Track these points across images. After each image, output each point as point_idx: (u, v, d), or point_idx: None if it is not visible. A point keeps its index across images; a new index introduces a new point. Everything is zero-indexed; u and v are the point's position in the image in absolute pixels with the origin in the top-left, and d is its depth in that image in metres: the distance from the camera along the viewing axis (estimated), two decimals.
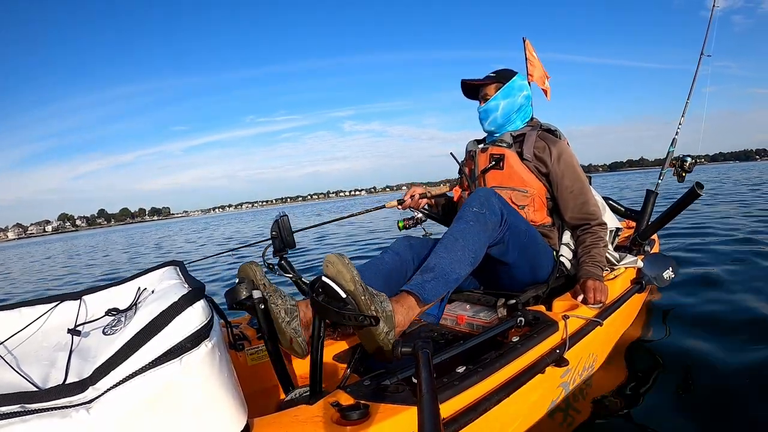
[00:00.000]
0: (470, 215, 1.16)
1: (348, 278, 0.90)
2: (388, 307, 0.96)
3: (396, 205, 1.67)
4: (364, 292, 0.91)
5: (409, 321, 1.02)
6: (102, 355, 0.61)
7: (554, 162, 1.44)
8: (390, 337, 0.94)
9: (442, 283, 1.07)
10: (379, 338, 0.92)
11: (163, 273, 0.91)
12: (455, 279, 1.10)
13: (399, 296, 1.04)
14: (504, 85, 1.53)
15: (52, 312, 0.85)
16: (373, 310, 0.91)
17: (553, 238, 1.48)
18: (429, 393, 0.62)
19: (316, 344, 0.97)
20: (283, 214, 1.17)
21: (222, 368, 0.68)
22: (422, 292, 1.04)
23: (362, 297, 0.90)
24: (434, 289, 1.06)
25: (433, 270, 1.08)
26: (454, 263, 1.10)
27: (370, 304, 0.91)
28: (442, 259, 1.10)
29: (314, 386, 0.96)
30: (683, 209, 1.86)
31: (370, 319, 0.89)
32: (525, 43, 2.09)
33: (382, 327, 0.92)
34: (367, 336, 0.93)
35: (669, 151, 2.18)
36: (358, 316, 0.88)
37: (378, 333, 0.91)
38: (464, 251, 1.12)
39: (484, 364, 0.95)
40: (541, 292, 1.41)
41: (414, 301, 1.03)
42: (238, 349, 1.17)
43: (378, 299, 0.95)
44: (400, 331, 1.00)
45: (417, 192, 1.66)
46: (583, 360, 1.29)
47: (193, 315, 0.66)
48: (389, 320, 0.95)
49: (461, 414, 0.84)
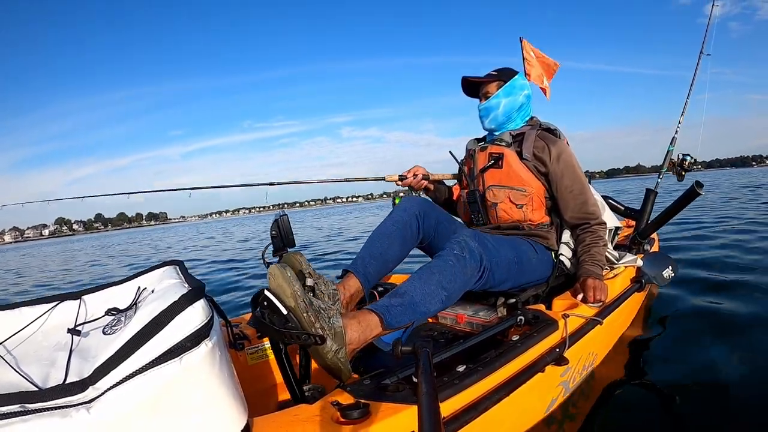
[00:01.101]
0: (451, 256, 1.13)
1: (288, 293, 0.86)
2: (338, 324, 0.91)
3: (396, 180, 1.67)
4: (306, 308, 0.87)
5: (366, 341, 0.96)
6: (102, 355, 0.61)
7: (553, 162, 1.44)
8: (340, 355, 0.88)
9: (409, 312, 1.02)
10: (327, 357, 0.87)
11: (163, 272, 0.91)
12: (423, 312, 1.05)
13: (360, 312, 0.99)
14: (506, 83, 1.53)
15: (52, 312, 0.85)
16: (318, 328, 0.86)
17: (550, 239, 1.48)
18: (429, 392, 0.62)
19: (279, 355, 0.94)
20: (283, 214, 1.17)
21: (222, 367, 0.68)
22: (386, 315, 0.98)
23: (304, 314, 0.86)
24: (399, 316, 1.00)
25: (402, 296, 1.03)
26: (426, 296, 1.05)
27: (315, 321, 0.86)
28: (414, 288, 1.05)
29: (293, 393, 0.94)
30: (683, 208, 1.87)
31: (314, 337, 0.84)
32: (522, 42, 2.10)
33: (329, 345, 0.87)
34: (315, 354, 0.88)
35: (668, 149, 2.18)
36: (300, 334, 0.84)
37: (325, 352, 0.86)
38: (438, 288, 1.07)
39: (484, 363, 0.95)
40: (540, 291, 1.41)
41: (377, 320, 0.98)
42: (239, 348, 1.17)
43: (325, 315, 0.90)
44: (354, 349, 0.93)
45: (420, 171, 1.66)
46: (583, 359, 1.29)
47: (193, 314, 0.66)
48: (338, 337, 0.89)
49: (461, 413, 0.84)
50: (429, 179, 1.69)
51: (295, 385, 0.94)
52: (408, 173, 1.66)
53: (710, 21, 2.23)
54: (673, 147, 2.18)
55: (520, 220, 1.47)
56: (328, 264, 4.71)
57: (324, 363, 0.88)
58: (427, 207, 1.40)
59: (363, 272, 1.20)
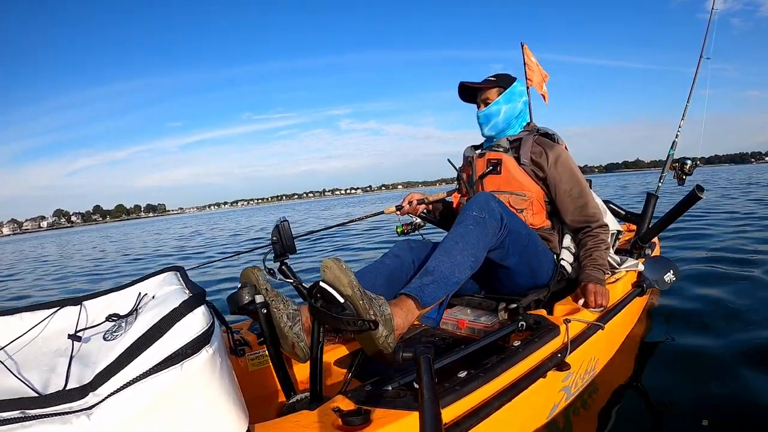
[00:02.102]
0: (470, 219, 1.17)
1: (345, 283, 0.90)
2: (387, 311, 0.96)
3: (394, 211, 1.68)
4: (362, 296, 0.91)
5: (409, 324, 1.02)
6: (102, 361, 0.61)
7: (551, 166, 1.44)
8: (390, 340, 0.94)
9: (441, 287, 1.07)
10: (379, 342, 0.92)
11: (163, 278, 0.91)
12: (455, 282, 1.10)
13: (398, 299, 1.04)
14: (506, 89, 1.53)
15: (53, 317, 0.85)
16: (372, 314, 0.91)
17: (553, 242, 1.48)
18: (430, 398, 0.61)
19: (316, 349, 0.97)
20: (284, 219, 1.16)
21: (223, 374, 0.68)
22: (421, 295, 1.04)
23: (360, 301, 0.90)
24: (433, 293, 1.06)
25: (432, 273, 1.08)
26: (454, 267, 1.10)
27: (369, 309, 0.91)
28: (441, 263, 1.10)
29: (314, 391, 0.96)
30: (684, 212, 1.86)
31: (369, 323, 0.89)
32: (523, 48, 2.11)
33: (381, 331, 0.92)
34: (366, 340, 0.94)
35: (669, 153, 2.18)
36: (356, 320, 0.89)
37: (377, 337, 0.92)
38: (463, 255, 1.12)
39: (486, 368, 0.95)
40: (542, 296, 1.41)
41: (413, 304, 1.03)
42: (239, 354, 1.17)
43: (376, 303, 0.95)
44: (400, 334, 1.00)
45: (415, 198, 1.67)
46: (584, 364, 1.28)
47: (193, 321, 0.66)
48: (388, 323, 0.95)
49: (463, 419, 0.84)
50: (426, 202, 1.69)
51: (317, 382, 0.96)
52: (403, 202, 1.67)
53: (709, 25, 2.24)
54: (674, 151, 2.18)
55: None
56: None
57: (375, 348, 0.93)
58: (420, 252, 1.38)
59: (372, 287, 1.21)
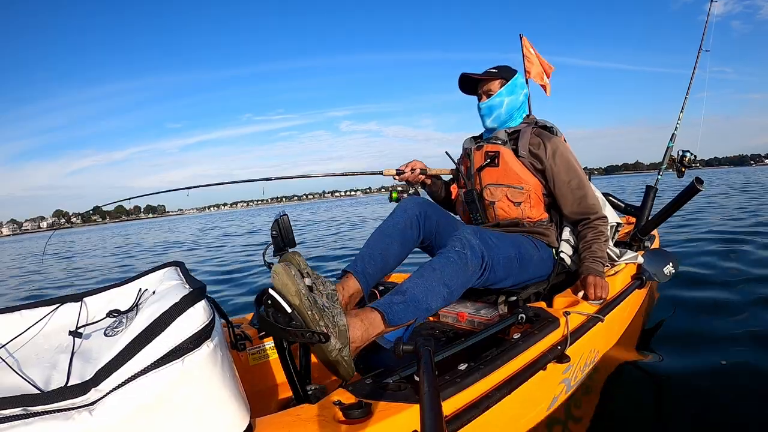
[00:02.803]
0: (452, 252, 1.13)
1: (293, 291, 0.86)
2: (341, 322, 0.92)
3: (393, 174, 1.66)
4: (311, 306, 0.87)
5: (369, 339, 0.97)
6: (104, 357, 0.61)
7: (549, 158, 1.44)
8: (344, 353, 0.89)
9: (411, 309, 1.03)
10: (331, 355, 0.87)
11: (164, 274, 0.91)
12: (425, 309, 1.06)
13: (363, 311, 1.00)
14: (508, 81, 1.52)
15: (53, 314, 0.85)
16: (322, 326, 0.87)
17: (550, 236, 1.47)
18: (431, 390, 0.62)
19: (283, 354, 0.94)
20: (284, 213, 1.16)
21: (224, 368, 0.68)
22: (389, 313, 0.99)
23: (309, 312, 0.86)
24: (401, 313, 1.01)
25: (404, 293, 1.04)
26: (427, 293, 1.06)
27: (319, 319, 0.87)
28: (416, 285, 1.06)
29: (296, 393, 0.94)
30: (683, 204, 1.87)
31: (318, 335, 0.84)
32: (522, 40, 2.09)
33: (333, 344, 0.87)
34: (319, 352, 0.89)
35: (668, 146, 2.18)
36: (305, 332, 0.84)
37: (330, 350, 0.87)
38: (440, 285, 1.08)
39: (486, 361, 0.95)
40: (541, 289, 1.41)
41: (379, 319, 0.99)
42: (240, 349, 1.17)
43: (329, 313, 0.91)
44: (357, 347, 0.95)
45: (417, 166, 1.65)
46: (584, 356, 1.29)
47: (194, 315, 0.66)
48: (342, 335, 0.90)
49: (463, 411, 0.84)
50: (426, 174, 1.68)
51: (298, 384, 0.94)
52: (405, 167, 1.65)
53: (709, 17, 2.23)
54: (673, 143, 2.18)
55: (518, 218, 1.46)
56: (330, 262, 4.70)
57: (327, 361, 0.89)
58: (428, 208, 1.39)
59: (362, 273, 1.20)
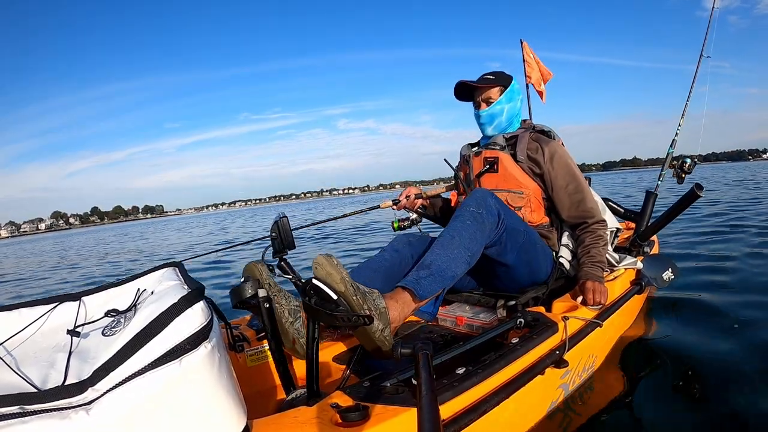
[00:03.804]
0: (467, 214, 1.17)
1: (338, 279, 0.90)
2: (381, 304, 0.96)
3: (391, 205, 1.67)
4: (355, 291, 0.91)
5: (405, 317, 1.02)
6: (101, 357, 0.61)
7: (547, 162, 1.44)
8: (386, 333, 0.93)
9: (438, 280, 1.07)
10: (375, 336, 0.92)
11: (162, 274, 0.91)
12: (451, 276, 1.10)
13: (394, 292, 1.04)
14: (507, 88, 1.52)
15: (52, 313, 0.85)
16: (366, 309, 0.91)
17: (551, 239, 1.48)
18: (429, 394, 0.62)
19: (311, 346, 0.96)
20: (283, 215, 1.16)
21: (221, 370, 0.68)
22: (418, 288, 1.03)
23: (353, 297, 0.90)
24: (430, 286, 1.05)
25: (429, 267, 1.08)
26: (450, 261, 1.10)
27: (363, 303, 0.91)
28: (438, 256, 1.10)
29: (311, 388, 0.95)
30: (683, 210, 1.87)
31: (363, 318, 0.88)
32: (523, 45, 2.10)
33: (376, 325, 0.92)
34: (363, 335, 0.93)
35: (668, 152, 2.18)
36: (351, 316, 0.88)
37: (373, 331, 0.91)
38: (460, 249, 1.12)
39: (484, 365, 0.95)
40: (540, 293, 1.41)
41: (409, 296, 1.03)
42: (238, 350, 1.17)
43: (371, 297, 0.95)
44: (396, 327, 1.00)
45: (412, 192, 1.66)
46: (582, 361, 1.29)
47: (192, 316, 0.66)
48: (383, 317, 0.94)
49: (461, 415, 0.84)
50: (423, 197, 1.69)
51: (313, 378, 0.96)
52: (401, 197, 1.67)
53: (710, 23, 2.23)
54: (673, 149, 2.18)
55: None
56: None
57: (372, 342, 0.93)
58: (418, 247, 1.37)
59: None
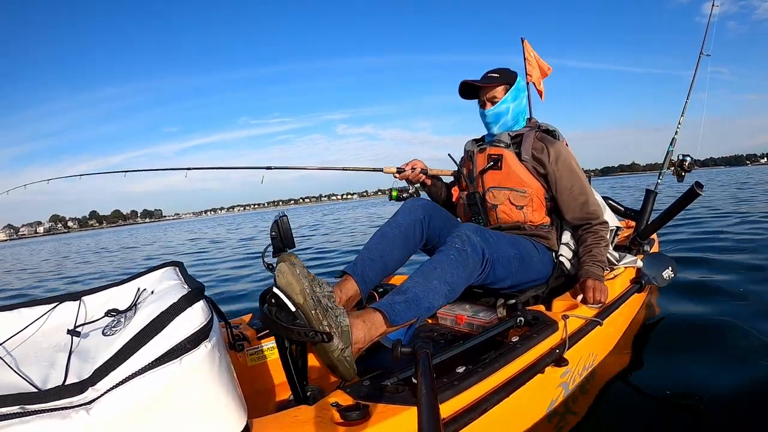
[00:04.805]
0: (452, 250, 1.13)
1: (297, 290, 0.86)
2: (344, 322, 0.91)
3: (394, 172, 1.64)
4: (315, 305, 0.87)
5: (371, 339, 0.97)
6: (102, 356, 0.61)
7: (552, 163, 1.43)
8: (346, 354, 0.88)
9: (412, 308, 1.02)
10: (333, 355, 0.86)
11: (162, 273, 0.91)
12: (426, 307, 1.06)
13: (365, 312, 0.99)
14: (512, 86, 1.50)
15: (52, 313, 0.85)
16: (326, 326, 0.86)
17: (551, 239, 1.47)
18: (429, 393, 0.62)
19: (283, 354, 0.94)
20: (283, 215, 1.16)
21: (222, 369, 0.68)
22: (390, 313, 0.98)
23: (312, 311, 0.86)
24: (403, 312, 1.00)
25: (405, 293, 1.03)
26: (428, 291, 1.05)
27: (322, 319, 0.87)
28: (416, 284, 1.06)
29: (296, 393, 0.94)
30: (683, 209, 1.87)
31: (321, 335, 0.84)
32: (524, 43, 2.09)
33: (336, 344, 0.87)
34: (321, 352, 0.88)
35: (668, 150, 2.18)
36: (308, 331, 0.84)
37: (332, 350, 0.86)
38: (440, 282, 1.07)
39: (484, 364, 0.95)
40: (540, 292, 1.41)
41: (381, 319, 0.98)
42: (238, 349, 1.17)
43: (333, 313, 0.90)
44: (359, 349, 0.94)
45: (418, 165, 1.64)
46: (582, 360, 1.29)
47: (192, 316, 0.66)
48: (345, 336, 0.89)
49: (461, 414, 0.84)
50: (427, 174, 1.67)
51: (297, 384, 0.94)
52: (406, 166, 1.64)
53: (710, 21, 2.23)
54: (673, 147, 2.18)
55: (520, 221, 1.46)
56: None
57: (330, 361, 0.88)
58: (433, 211, 1.38)
59: (361, 275, 1.19)
